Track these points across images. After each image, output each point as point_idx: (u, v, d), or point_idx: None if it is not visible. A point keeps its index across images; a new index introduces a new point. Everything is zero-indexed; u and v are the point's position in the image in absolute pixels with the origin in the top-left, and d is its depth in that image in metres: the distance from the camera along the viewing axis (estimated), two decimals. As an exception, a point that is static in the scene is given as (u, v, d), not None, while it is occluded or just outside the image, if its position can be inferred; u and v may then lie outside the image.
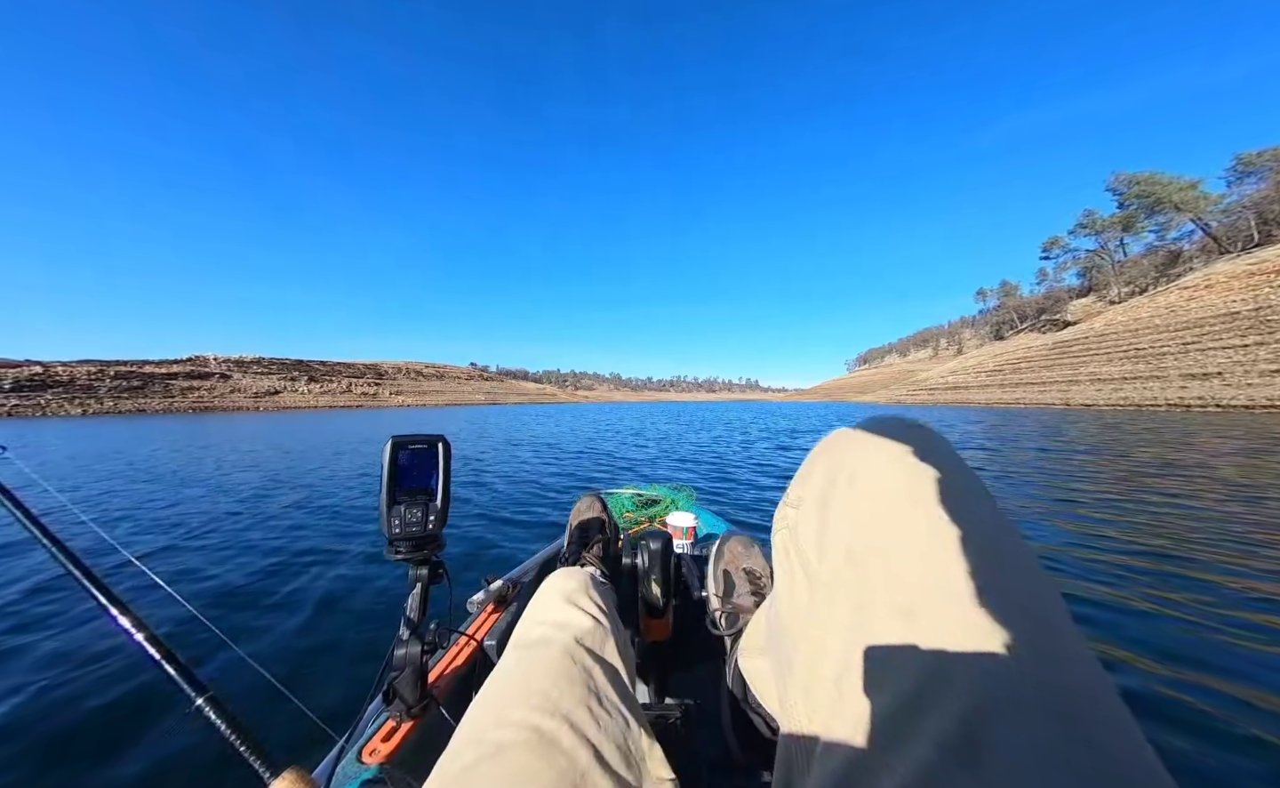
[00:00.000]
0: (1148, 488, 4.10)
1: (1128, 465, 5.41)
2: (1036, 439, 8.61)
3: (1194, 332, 27.43)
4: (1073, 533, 2.92)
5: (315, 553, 2.79)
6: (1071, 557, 2.52)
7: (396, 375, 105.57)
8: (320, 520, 3.57)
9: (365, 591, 2.23)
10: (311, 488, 4.89)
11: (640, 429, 14.38)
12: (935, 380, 52.17)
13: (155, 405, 56.19)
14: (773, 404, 62.79)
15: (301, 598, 2.16)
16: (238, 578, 2.41)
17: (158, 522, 3.63)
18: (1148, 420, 14.38)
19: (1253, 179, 47.68)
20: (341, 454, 8.00)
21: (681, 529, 1.20)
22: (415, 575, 0.67)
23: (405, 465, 0.66)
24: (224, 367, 73.96)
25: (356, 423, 20.76)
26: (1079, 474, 4.94)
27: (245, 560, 2.68)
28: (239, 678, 1.47)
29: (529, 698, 0.43)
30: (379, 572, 2.45)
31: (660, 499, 1.86)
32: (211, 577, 2.46)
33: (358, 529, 3.31)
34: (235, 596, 2.21)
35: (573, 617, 0.57)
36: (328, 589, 2.25)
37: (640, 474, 5.75)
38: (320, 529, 3.33)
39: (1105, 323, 37.55)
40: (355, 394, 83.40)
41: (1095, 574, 2.26)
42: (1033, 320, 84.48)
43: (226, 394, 66.88)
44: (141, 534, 3.32)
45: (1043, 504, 3.65)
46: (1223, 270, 33.51)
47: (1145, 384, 25.84)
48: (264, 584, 2.33)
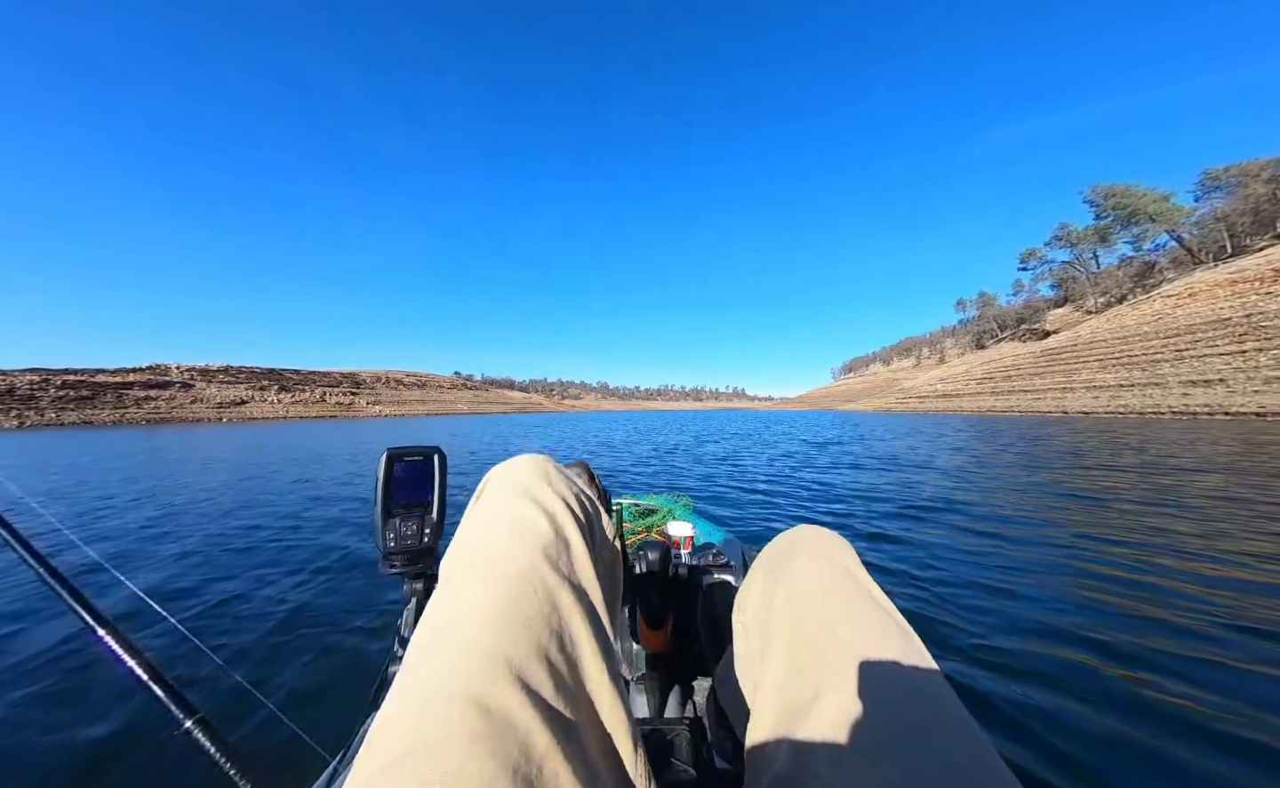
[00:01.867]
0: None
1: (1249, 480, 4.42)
2: (1069, 449, 7.52)
3: (1185, 339, 27.46)
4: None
5: (306, 569, 2.68)
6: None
7: (375, 384, 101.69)
8: (310, 536, 3.43)
9: (358, 606, 2.16)
10: (304, 501, 4.70)
11: (668, 443, 12.76)
12: (924, 388, 52.16)
13: (104, 417, 52.20)
14: (778, 413, 62.07)
15: (292, 615, 2.08)
16: (224, 596, 2.31)
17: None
18: (1165, 428, 13.65)
19: (1219, 193, 49.45)
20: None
21: (680, 539, 1.17)
22: (410, 590, 0.66)
23: (401, 478, 0.66)
24: (186, 375, 69.70)
25: (302, 436, 18.93)
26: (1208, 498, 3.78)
27: (233, 579, 2.56)
28: (229, 698, 1.43)
29: (470, 653, 0.31)
30: (373, 586, 2.38)
31: (658, 509, 1.93)
32: (196, 594, 2.36)
33: (349, 544, 3.18)
34: (222, 614, 2.11)
35: (530, 520, 0.42)
36: (318, 606, 2.18)
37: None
38: (311, 546, 3.19)
39: (1092, 331, 37.86)
40: (329, 404, 79.70)
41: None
42: (1013, 330, 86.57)
43: (186, 405, 62.79)
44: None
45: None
46: (1204, 279, 34.07)
47: (1144, 391, 25.59)
48: (252, 601, 2.23)
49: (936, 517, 3.58)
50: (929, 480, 5.24)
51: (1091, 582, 2.24)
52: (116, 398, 56.75)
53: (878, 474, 5.80)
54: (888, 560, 2.61)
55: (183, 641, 0.72)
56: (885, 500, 4.23)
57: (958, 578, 2.31)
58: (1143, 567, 2.41)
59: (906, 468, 6.30)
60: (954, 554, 2.68)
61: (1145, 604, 1.96)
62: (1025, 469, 5.89)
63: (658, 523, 1.74)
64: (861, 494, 4.57)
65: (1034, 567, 2.46)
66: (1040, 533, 3.09)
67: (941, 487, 4.83)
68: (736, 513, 4.06)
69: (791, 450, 9.24)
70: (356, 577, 2.53)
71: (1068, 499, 4.11)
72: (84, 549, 1.01)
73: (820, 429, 17.48)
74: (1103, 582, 2.23)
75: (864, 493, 4.61)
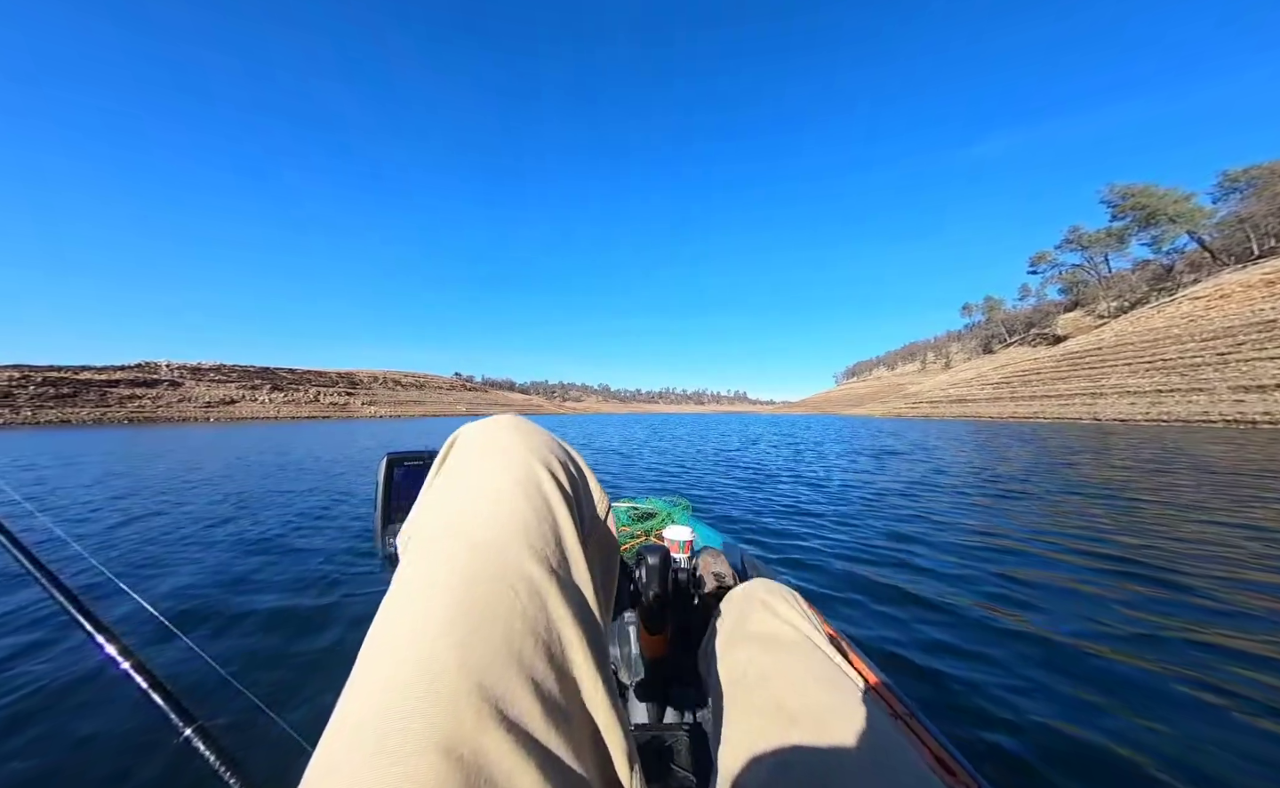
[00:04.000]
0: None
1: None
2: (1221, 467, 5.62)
3: (1226, 341, 25.66)
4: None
5: (302, 577, 2.56)
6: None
7: (372, 385, 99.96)
8: (310, 542, 3.23)
9: (361, 614, 2.07)
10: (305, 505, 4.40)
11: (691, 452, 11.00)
12: (936, 393, 50.31)
13: (83, 416, 49.93)
14: (786, 416, 60.34)
15: (293, 622, 2.02)
16: (219, 595, 2.26)
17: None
18: (1234, 440, 11.77)
19: (1236, 195, 47.84)
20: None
21: (679, 542, 1.13)
22: None
23: (401, 482, 0.66)
24: (175, 373, 67.93)
25: (278, 436, 17.19)
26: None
27: (228, 577, 2.50)
28: (229, 706, 1.38)
29: (436, 680, 0.24)
30: (374, 592, 2.05)
31: (656, 513, 1.91)
32: (192, 592, 2.29)
33: (349, 547, 3.06)
34: (220, 618, 2.04)
35: (508, 496, 0.33)
36: (320, 612, 2.11)
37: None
38: (310, 551, 3.01)
39: (1116, 334, 36.07)
40: (323, 405, 77.82)
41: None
42: (1022, 334, 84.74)
43: (174, 404, 60.73)
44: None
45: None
46: (1235, 280, 32.35)
47: (1187, 398, 23.73)
48: (249, 606, 2.15)
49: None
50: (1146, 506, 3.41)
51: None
52: (99, 396, 54.73)
53: (1063, 503, 3.98)
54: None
55: (179, 646, 0.72)
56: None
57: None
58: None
59: (1094, 493, 4.46)
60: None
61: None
62: (1214, 492, 4.07)
63: (656, 527, 1.75)
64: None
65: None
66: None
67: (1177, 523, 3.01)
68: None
69: (857, 466, 7.39)
70: (358, 583, 2.42)
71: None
72: (84, 554, 1.02)
73: (852, 436, 15.66)
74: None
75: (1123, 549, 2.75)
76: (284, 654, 1.74)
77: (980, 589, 2.27)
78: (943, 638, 1.80)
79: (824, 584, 2.39)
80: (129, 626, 1.76)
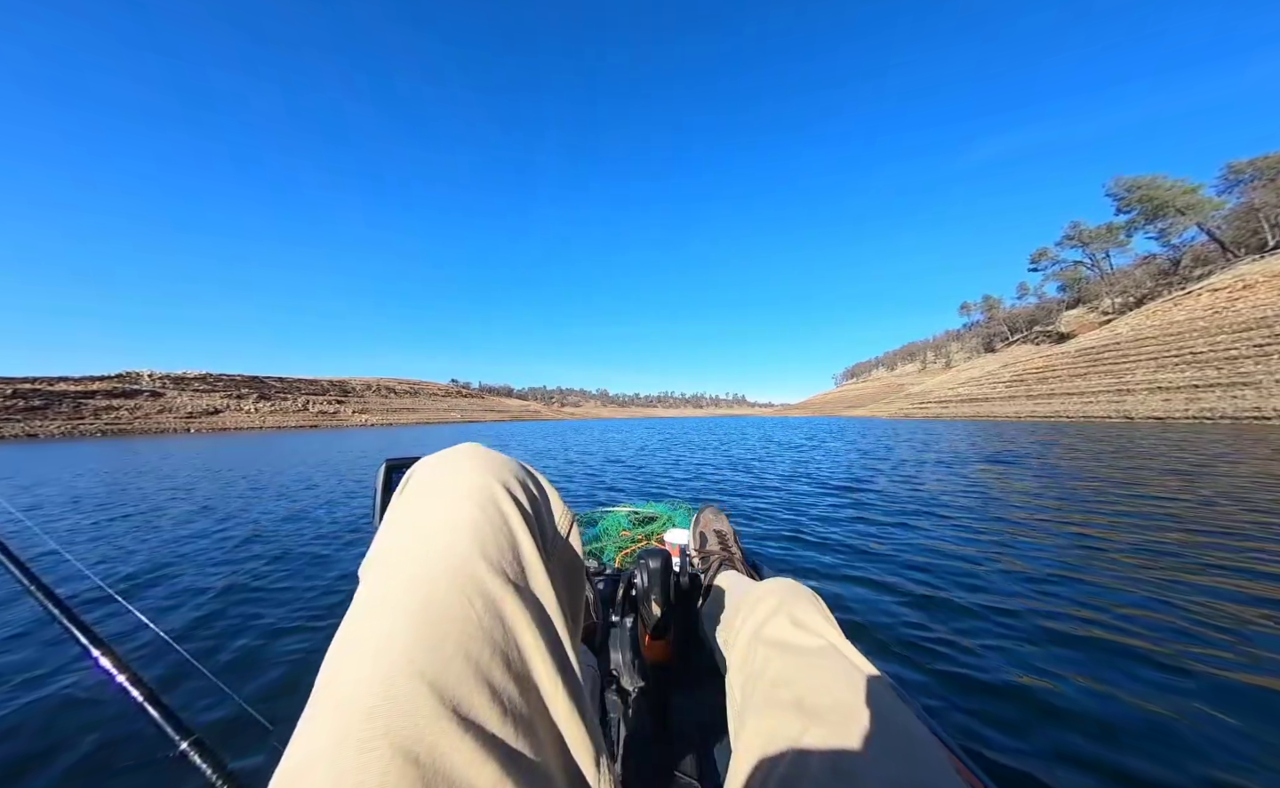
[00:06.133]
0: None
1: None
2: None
3: (1263, 333, 24.24)
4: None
5: (295, 583, 2.56)
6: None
7: (365, 392, 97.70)
8: (304, 548, 3.24)
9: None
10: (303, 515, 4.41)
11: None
12: (945, 392, 48.74)
13: (53, 429, 47.33)
14: (793, 419, 58.71)
15: (286, 630, 1.99)
16: (209, 611, 2.22)
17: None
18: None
19: (1239, 187, 46.85)
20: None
21: (680, 546, 1.15)
22: None
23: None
24: (158, 383, 65.63)
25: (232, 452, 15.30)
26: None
27: (218, 593, 2.43)
28: (224, 717, 1.37)
29: (390, 683, 0.25)
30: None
31: (657, 516, 1.92)
32: (183, 607, 2.26)
33: (346, 555, 3.05)
34: (214, 628, 2.03)
35: (463, 514, 0.33)
36: (313, 620, 2.09)
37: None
38: (304, 557, 3.04)
39: (1133, 329, 34.64)
40: (311, 414, 75.55)
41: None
42: (1024, 332, 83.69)
43: (153, 415, 58.27)
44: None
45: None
46: (1257, 270, 31.09)
47: (1230, 393, 22.17)
48: (242, 616, 2.13)
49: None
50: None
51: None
52: (73, 408, 52.44)
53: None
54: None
55: (175, 658, 0.70)
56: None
57: None
58: None
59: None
60: None
61: None
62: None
63: (658, 531, 1.74)
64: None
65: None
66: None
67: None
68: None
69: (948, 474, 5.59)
70: (350, 586, 2.24)
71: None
72: (81, 568, 0.92)
73: (897, 437, 13.89)
74: None
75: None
76: (269, 658, 1.73)
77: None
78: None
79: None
80: (120, 639, 1.72)
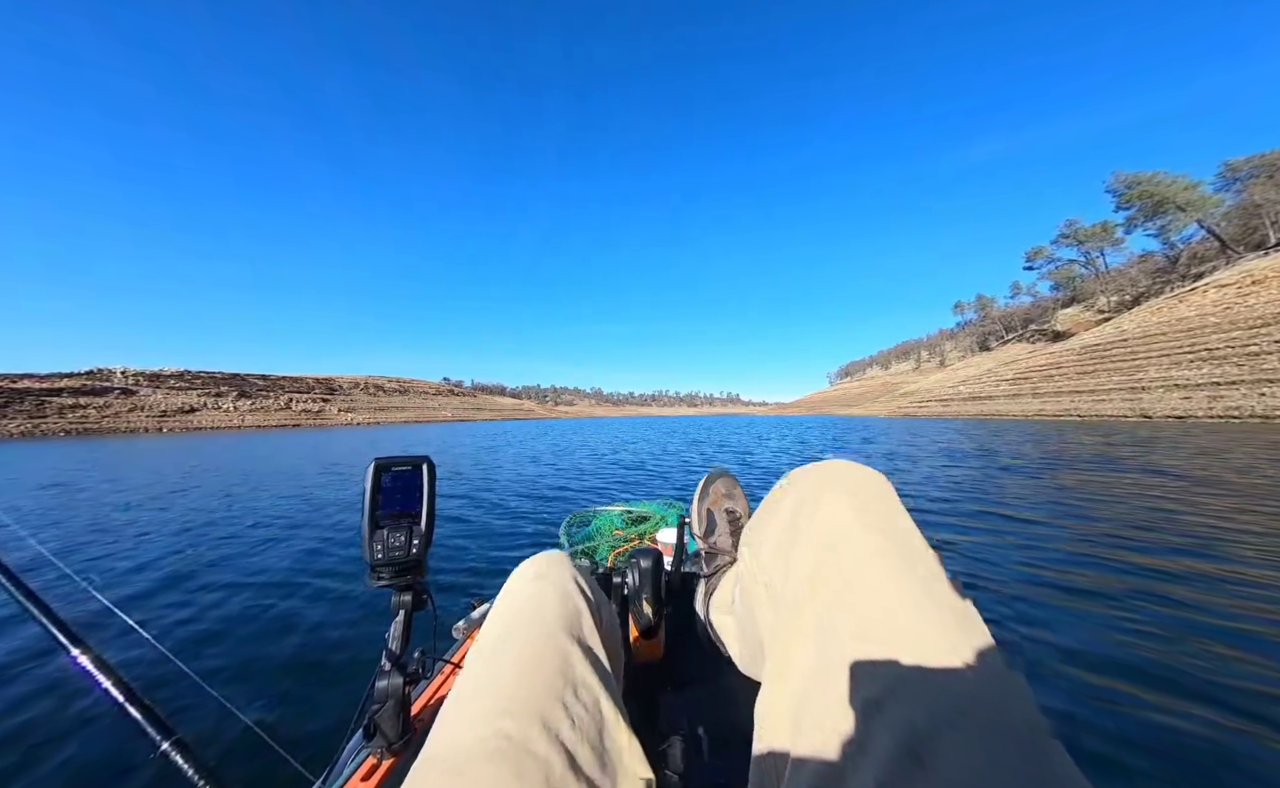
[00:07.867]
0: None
1: None
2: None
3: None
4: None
5: (289, 584, 2.58)
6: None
7: (352, 390, 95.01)
8: (293, 548, 3.31)
9: (344, 620, 2.12)
10: (283, 515, 4.52)
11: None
12: (944, 390, 47.81)
13: (12, 429, 44.80)
14: (790, 418, 57.51)
15: (275, 631, 2.01)
16: (201, 611, 2.23)
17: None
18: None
19: (1236, 185, 46.45)
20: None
21: (672, 546, 1.13)
22: (398, 602, 0.65)
23: (388, 488, 0.66)
24: (130, 381, 62.82)
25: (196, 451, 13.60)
26: None
27: (213, 594, 2.46)
28: (209, 718, 1.37)
29: (498, 699, 0.39)
30: (358, 599, 2.34)
31: (649, 516, 1.92)
32: (172, 609, 2.27)
33: (334, 555, 3.09)
34: (200, 629, 2.04)
35: (546, 597, 0.51)
36: (303, 620, 2.10)
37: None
38: (294, 558, 3.07)
39: (1140, 326, 33.77)
40: (294, 412, 72.83)
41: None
42: (1020, 331, 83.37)
43: (124, 414, 55.51)
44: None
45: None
46: (1266, 266, 30.33)
47: (1256, 389, 21.18)
48: (232, 617, 2.16)
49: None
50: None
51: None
52: (36, 406, 49.64)
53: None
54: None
55: (157, 658, 0.70)
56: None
57: None
58: None
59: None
60: None
61: None
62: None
63: (650, 530, 1.73)
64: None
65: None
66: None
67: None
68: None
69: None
70: (342, 589, 2.44)
71: None
72: (57, 562, 0.94)
73: (922, 437, 12.54)
74: None
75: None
76: (255, 658, 1.71)
77: None
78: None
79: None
80: (102, 637, 1.64)
